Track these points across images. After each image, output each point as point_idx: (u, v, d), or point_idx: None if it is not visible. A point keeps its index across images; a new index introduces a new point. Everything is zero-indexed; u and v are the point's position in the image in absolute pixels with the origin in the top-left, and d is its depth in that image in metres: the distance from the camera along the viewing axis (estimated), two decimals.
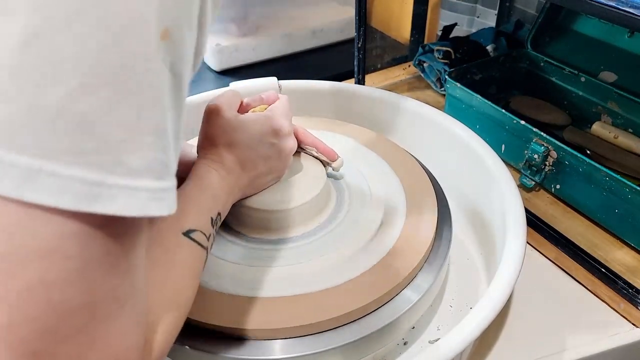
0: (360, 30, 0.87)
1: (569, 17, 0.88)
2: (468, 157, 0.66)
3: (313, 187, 0.54)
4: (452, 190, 0.65)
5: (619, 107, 0.79)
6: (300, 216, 0.53)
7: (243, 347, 0.44)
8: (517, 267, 0.49)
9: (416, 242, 0.52)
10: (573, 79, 0.85)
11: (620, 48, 0.80)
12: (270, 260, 0.50)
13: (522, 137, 0.73)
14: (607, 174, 0.63)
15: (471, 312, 0.45)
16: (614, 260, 0.62)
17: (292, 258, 0.51)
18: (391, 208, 0.56)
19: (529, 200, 0.72)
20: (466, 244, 0.66)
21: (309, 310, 0.45)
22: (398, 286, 0.48)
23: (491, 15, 1.11)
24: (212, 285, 0.48)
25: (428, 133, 0.72)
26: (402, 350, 0.53)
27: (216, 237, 0.53)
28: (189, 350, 0.45)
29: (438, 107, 0.75)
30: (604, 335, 0.55)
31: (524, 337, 0.54)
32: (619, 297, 0.57)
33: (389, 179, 0.60)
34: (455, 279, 0.61)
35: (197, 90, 0.78)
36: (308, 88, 0.80)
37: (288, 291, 0.47)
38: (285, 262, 0.50)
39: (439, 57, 0.96)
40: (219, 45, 1.20)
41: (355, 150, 0.65)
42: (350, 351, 0.46)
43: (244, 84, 0.78)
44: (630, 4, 0.48)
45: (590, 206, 0.67)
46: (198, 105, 0.76)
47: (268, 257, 0.51)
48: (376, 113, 0.77)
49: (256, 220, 0.53)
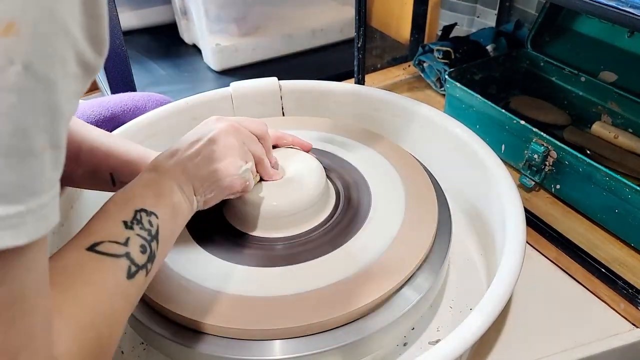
0: (360, 30, 0.87)
1: (569, 17, 0.88)
2: (468, 157, 0.66)
3: (314, 187, 0.54)
4: (452, 190, 0.65)
5: (619, 107, 0.79)
6: (300, 215, 0.53)
7: (243, 347, 0.44)
8: (517, 267, 0.49)
9: (416, 242, 0.52)
10: (573, 79, 0.85)
11: (620, 48, 0.80)
12: (270, 260, 0.50)
13: (522, 137, 0.73)
14: (607, 174, 0.63)
15: (471, 313, 0.45)
16: (614, 260, 0.62)
17: (292, 258, 0.51)
18: (391, 208, 0.56)
19: (529, 200, 0.72)
20: (466, 244, 0.66)
21: (309, 310, 0.45)
22: (398, 286, 0.48)
23: (491, 15, 1.11)
24: (211, 285, 0.48)
25: (428, 133, 0.72)
26: (401, 352, 0.53)
27: (216, 237, 0.53)
28: (188, 350, 0.45)
29: (438, 107, 0.75)
30: (604, 335, 0.55)
31: (524, 337, 0.54)
32: (619, 297, 0.57)
33: (388, 178, 0.60)
34: (455, 279, 0.61)
35: (197, 90, 0.79)
36: (308, 88, 0.80)
37: (288, 291, 0.47)
38: (284, 261, 0.50)
39: (439, 57, 0.96)
40: (219, 45, 1.20)
41: (355, 150, 0.65)
42: (350, 351, 0.45)
43: (244, 84, 0.78)
44: (630, 4, 0.48)
45: (590, 206, 0.67)
46: (198, 106, 0.76)
47: (268, 257, 0.51)
48: (376, 113, 0.77)
49: (256, 220, 0.53)
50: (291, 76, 0.81)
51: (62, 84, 0.26)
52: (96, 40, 0.28)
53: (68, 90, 0.27)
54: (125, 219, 0.38)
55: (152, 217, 0.40)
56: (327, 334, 0.45)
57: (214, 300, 0.46)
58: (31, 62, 0.24)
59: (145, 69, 1.27)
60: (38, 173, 0.25)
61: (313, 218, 0.55)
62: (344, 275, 0.48)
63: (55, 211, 0.26)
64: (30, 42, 0.23)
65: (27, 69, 0.23)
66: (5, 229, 0.23)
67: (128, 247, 0.37)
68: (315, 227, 0.54)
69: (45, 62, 0.24)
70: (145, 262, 0.38)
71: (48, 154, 0.25)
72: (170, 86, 1.19)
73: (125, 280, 0.36)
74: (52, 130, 0.26)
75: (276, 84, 0.78)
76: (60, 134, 0.27)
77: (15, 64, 0.23)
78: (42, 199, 0.25)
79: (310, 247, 0.52)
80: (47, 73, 0.25)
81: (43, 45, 0.24)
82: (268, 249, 0.52)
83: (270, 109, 0.79)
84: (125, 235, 0.37)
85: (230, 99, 0.78)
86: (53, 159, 0.26)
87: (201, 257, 0.51)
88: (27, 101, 0.24)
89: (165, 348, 0.47)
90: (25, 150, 0.24)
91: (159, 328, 0.46)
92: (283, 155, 0.57)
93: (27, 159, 0.24)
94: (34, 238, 0.25)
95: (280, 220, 0.53)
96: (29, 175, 0.24)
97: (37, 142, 0.25)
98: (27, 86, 0.24)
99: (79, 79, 0.28)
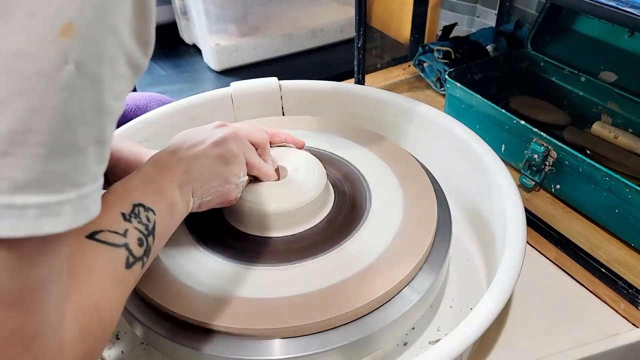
0: (360, 30, 0.87)
1: (569, 17, 0.88)
2: (468, 157, 0.66)
3: (314, 188, 0.54)
4: (452, 190, 0.65)
5: (619, 107, 0.79)
6: (299, 216, 0.53)
7: (243, 346, 0.44)
8: (517, 267, 0.49)
9: (416, 242, 0.52)
10: (573, 79, 0.85)
11: (620, 48, 0.80)
12: (270, 260, 0.50)
13: (522, 137, 0.73)
14: (607, 174, 0.63)
15: (472, 312, 0.45)
16: (614, 260, 0.62)
17: (291, 258, 0.51)
18: (391, 207, 0.56)
19: (529, 200, 0.72)
20: (466, 244, 0.66)
21: (309, 310, 0.45)
22: (398, 286, 0.48)
23: (491, 15, 1.11)
24: (211, 285, 0.48)
25: (428, 133, 0.72)
26: (402, 351, 0.53)
27: (215, 236, 0.53)
28: (188, 350, 0.45)
29: (438, 107, 0.75)
30: (604, 335, 0.55)
31: (524, 337, 0.54)
32: (619, 297, 0.57)
33: (388, 178, 0.60)
34: (455, 279, 0.61)
35: (197, 90, 0.79)
36: (308, 88, 0.80)
37: (287, 291, 0.47)
38: (284, 261, 0.50)
39: (439, 57, 0.96)
40: (219, 45, 1.20)
41: (355, 149, 0.65)
42: (350, 351, 0.45)
43: (244, 84, 0.78)
44: (630, 4, 0.48)
45: (590, 206, 0.67)
46: (198, 106, 0.76)
47: (268, 257, 0.51)
48: (376, 113, 0.77)
49: (256, 220, 0.53)
50: (291, 76, 0.81)
51: (110, 83, 0.27)
52: (144, 41, 0.30)
53: (116, 89, 0.28)
54: (123, 211, 0.38)
55: (150, 213, 0.40)
56: (327, 334, 0.45)
57: (214, 300, 0.46)
58: (83, 62, 0.25)
59: None
60: (80, 166, 0.26)
61: (312, 218, 0.55)
62: (343, 275, 0.48)
63: (97, 203, 0.27)
64: (83, 43, 0.25)
65: (78, 68, 0.25)
66: (45, 217, 0.24)
67: (127, 239, 0.37)
68: (314, 227, 0.54)
69: (95, 61, 0.26)
70: (142, 254, 0.38)
71: (92, 148, 0.27)
72: (170, 86, 1.19)
73: (123, 269, 0.36)
74: (97, 126, 0.27)
75: (276, 84, 0.78)
76: (106, 130, 0.28)
77: (69, 63, 0.24)
78: (83, 191, 0.26)
79: (309, 247, 0.52)
80: (96, 72, 0.26)
81: (94, 45, 0.25)
82: (268, 248, 0.52)
83: (270, 108, 0.79)
84: (124, 226, 0.37)
85: (231, 99, 0.78)
86: (97, 153, 0.27)
87: (201, 257, 0.51)
88: (76, 98, 0.25)
89: (165, 348, 0.47)
90: (70, 144, 0.25)
91: (159, 328, 0.46)
92: (283, 154, 0.57)
93: (71, 152, 0.25)
94: (71, 227, 0.26)
95: (279, 220, 0.53)
96: (72, 167, 0.26)
97: (82, 137, 0.26)
98: (77, 84, 0.25)
99: (127, 79, 0.29)
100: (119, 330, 0.58)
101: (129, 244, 0.37)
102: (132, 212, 0.39)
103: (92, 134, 0.27)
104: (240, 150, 0.49)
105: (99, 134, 0.27)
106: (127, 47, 0.28)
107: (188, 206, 0.45)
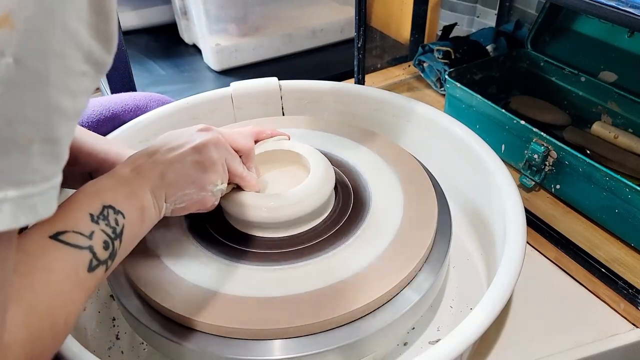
0: (360, 30, 0.87)
1: (569, 17, 0.88)
2: (468, 157, 0.66)
3: (319, 188, 0.54)
4: (452, 190, 0.65)
5: (619, 107, 0.79)
6: (301, 216, 0.53)
7: (243, 346, 0.44)
8: (517, 267, 0.49)
9: (416, 242, 0.52)
10: (573, 79, 0.85)
11: (620, 48, 0.80)
12: (271, 260, 0.50)
13: (522, 137, 0.73)
14: (607, 174, 0.63)
15: (472, 312, 0.45)
16: (614, 260, 0.62)
17: (292, 257, 0.51)
18: (390, 208, 0.56)
19: (529, 200, 0.72)
20: (466, 244, 0.66)
21: (309, 310, 0.45)
22: (398, 286, 0.48)
23: (491, 15, 1.11)
24: (212, 285, 0.48)
25: (428, 133, 0.72)
26: (402, 351, 0.53)
27: (215, 236, 0.53)
28: (188, 350, 0.45)
29: (438, 107, 0.75)
30: (603, 335, 0.55)
31: (524, 337, 0.54)
32: (619, 297, 0.57)
33: (388, 178, 0.60)
34: (455, 279, 0.61)
35: (197, 90, 0.79)
36: (308, 88, 0.80)
37: (288, 291, 0.47)
38: (285, 261, 0.50)
39: (439, 57, 0.96)
40: (218, 45, 1.20)
41: (355, 149, 0.65)
42: (350, 351, 0.45)
43: (244, 84, 0.78)
44: (630, 4, 0.48)
45: (590, 206, 0.67)
46: (198, 106, 0.76)
47: (268, 256, 0.51)
48: (376, 113, 0.77)
49: (256, 220, 0.53)
50: (291, 76, 0.81)
51: (59, 80, 0.26)
52: (104, 37, 0.29)
53: (70, 86, 0.27)
54: (92, 212, 0.37)
55: (119, 216, 0.39)
56: (327, 334, 0.45)
57: (215, 300, 0.46)
58: (22, 56, 0.24)
59: (145, 69, 1.27)
60: (22, 164, 0.25)
61: (313, 219, 0.55)
62: (343, 275, 0.48)
63: (49, 203, 0.26)
64: (23, 36, 0.24)
65: (17, 62, 0.24)
66: (19, 209, 0.24)
67: (92, 241, 0.36)
68: (314, 227, 0.54)
69: (37, 56, 0.25)
70: (106, 258, 0.37)
71: (38, 147, 0.26)
72: (170, 86, 1.19)
73: (85, 272, 0.35)
74: (43, 123, 0.26)
75: (276, 84, 0.78)
76: (56, 128, 0.27)
77: (5, 56, 0.23)
78: (27, 190, 0.25)
79: (309, 247, 0.52)
80: (39, 68, 0.25)
81: (37, 40, 0.25)
82: (269, 248, 0.52)
83: (270, 108, 0.79)
84: (90, 228, 0.36)
85: (231, 99, 0.78)
86: (46, 152, 0.26)
87: (201, 257, 0.51)
88: (15, 93, 0.24)
89: (165, 348, 0.47)
90: (8, 140, 0.24)
91: (159, 328, 0.46)
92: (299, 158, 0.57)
93: (9, 149, 0.24)
94: (10, 227, 0.24)
95: (280, 222, 0.53)
96: (11, 165, 0.25)
97: (23, 134, 0.25)
98: (15, 79, 0.24)
99: (88, 76, 0.28)
100: (119, 331, 0.58)
101: (94, 246, 0.36)
102: (100, 213, 0.38)
103: (36, 131, 0.25)
104: (220, 157, 0.47)
105: (47, 132, 0.26)
106: (82, 43, 0.27)
107: (160, 212, 0.44)
